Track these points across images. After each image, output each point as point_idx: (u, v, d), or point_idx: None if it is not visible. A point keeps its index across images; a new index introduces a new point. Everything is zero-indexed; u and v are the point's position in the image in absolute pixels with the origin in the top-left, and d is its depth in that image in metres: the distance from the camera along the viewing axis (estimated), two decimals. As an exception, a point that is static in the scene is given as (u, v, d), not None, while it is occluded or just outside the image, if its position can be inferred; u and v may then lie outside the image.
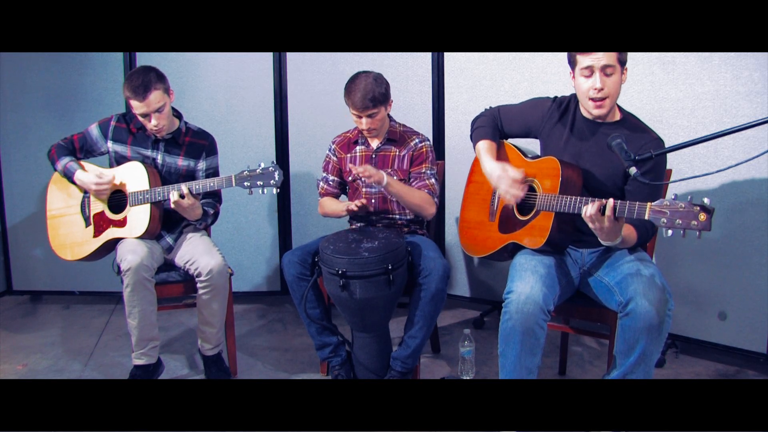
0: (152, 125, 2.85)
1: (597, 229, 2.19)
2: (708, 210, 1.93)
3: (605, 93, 2.34)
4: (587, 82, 2.36)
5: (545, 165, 2.46)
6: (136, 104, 2.80)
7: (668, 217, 1.98)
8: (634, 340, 2.21)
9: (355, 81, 2.87)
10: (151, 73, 2.82)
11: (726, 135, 2.16)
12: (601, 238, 2.23)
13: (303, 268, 2.81)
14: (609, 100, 2.37)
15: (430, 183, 2.96)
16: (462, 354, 2.98)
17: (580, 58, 2.34)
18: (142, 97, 2.78)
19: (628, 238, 2.29)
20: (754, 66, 2.82)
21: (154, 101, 2.80)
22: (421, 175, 2.97)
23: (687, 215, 1.95)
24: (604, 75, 2.32)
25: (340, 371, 2.87)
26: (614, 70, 2.32)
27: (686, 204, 1.96)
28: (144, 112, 2.82)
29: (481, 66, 3.55)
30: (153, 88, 2.79)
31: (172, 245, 3.00)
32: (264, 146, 3.89)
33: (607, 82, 2.33)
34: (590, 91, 2.35)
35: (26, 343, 3.47)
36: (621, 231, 2.20)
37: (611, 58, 2.30)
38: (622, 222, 2.18)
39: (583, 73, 2.36)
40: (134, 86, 2.77)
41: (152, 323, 2.84)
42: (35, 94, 3.88)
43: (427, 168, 2.98)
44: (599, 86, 2.33)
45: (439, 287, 2.68)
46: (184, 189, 2.79)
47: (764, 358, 2.95)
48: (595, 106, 2.38)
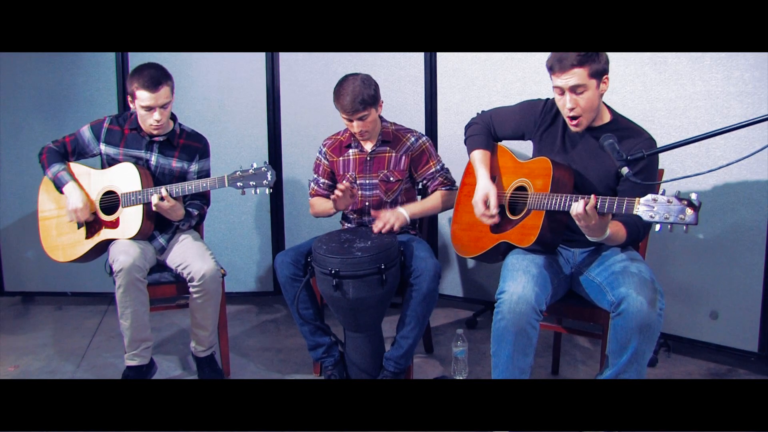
0: (155, 119, 2.84)
1: (583, 226, 2.20)
2: (694, 204, 1.95)
3: (577, 112, 2.36)
4: (560, 100, 2.39)
5: (537, 165, 2.47)
6: (145, 96, 2.79)
7: (656, 211, 2.00)
8: (627, 339, 2.22)
9: (343, 85, 2.85)
10: (161, 69, 2.85)
11: (718, 135, 2.16)
12: (588, 234, 2.24)
13: (296, 268, 2.81)
14: (584, 117, 2.39)
15: (444, 178, 3.02)
16: (455, 354, 2.98)
17: (552, 77, 2.36)
18: (154, 89, 2.78)
19: (616, 235, 2.29)
20: (745, 66, 2.83)
21: (163, 95, 2.81)
22: (433, 175, 3.00)
23: (674, 210, 1.97)
24: (575, 94, 2.33)
25: (333, 371, 2.86)
26: (585, 87, 2.31)
27: (673, 199, 1.98)
28: (151, 105, 2.80)
29: (473, 66, 3.55)
30: (164, 83, 2.81)
31: (164, 246, 2.99)
32: (256, 146, 3.89)
33: (578, 101, 2.34)
34: (564, 110, 2.39)
35: (18, 345, 3.46)
36: (607, 227, 2.22)
37: (581, 77, 2.29)
38: (607, 218, 2.19)
39: (556, 91, 2.38)
40: (147, 77, 2.78)
41: (145, 324, 2.83)
42: (27, 95, 3.87)
43: (434, 165, 3.01)
44: (570, 106, 2.35)
45: (430, 287, 2.68)
46: (164, 191, 2.79)
47: (756, 357, 2.97)
48: (570, 123, 2.42)
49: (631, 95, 3.07)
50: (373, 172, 2.99)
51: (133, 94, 2.82)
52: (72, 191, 2.91)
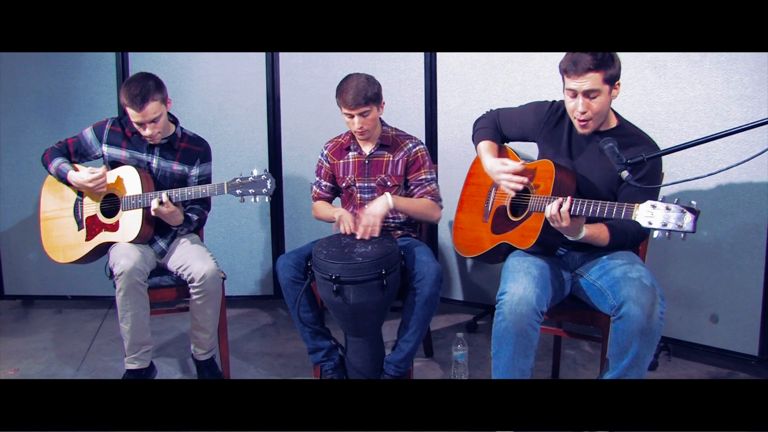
0: (146, 134, 2.85)
1: (555, 227, 2.26)
2: (694, 212, 1.95)
3: (588, 116, 2.36)
4: (572, 102, 2.38)
5: (540, 168, 2.47)
6: (132, 113, 2.79)
7: (654, 218, 2.00)
8: (627, 343, 2.22)
9: (348, 80, 2.86)
10: (150, 81, 2.80)
11: (717, 138, 2.16)
12: (564, 233, 2.29)
13: (297, 271, 2.81)
14: (593, 121, 2.39)
15: (431, 188, 2.97)
16: (455, 357, 2.98)
17: (566, 78, 2.36)
18: (139, 108, 2.76)
19: (596, 238, 2.33)
20: (745, 70, 2.83)
21: (151, 111, 2.79)
22: (421, 182, 2.98)
23: (673, 217, 1.97)
24: (588, 98, 2.33)
25: (333, 375, 2.86)
26: (599, 93, 2.31)
27: (672, 206, 1.97)
28: (139, 122, 2.81)
29: (473, 70, 3.55)
30: (151, 99, 2.77)
31: (165, 249, 2.99)
32: (256, 150, 3.89)
33: (590, 105, 2.34)
34: (574, 112, 2.38)
35: (18, 348, 3.46)
36: (581, 228, 2.27)
37: (596, 82, 2.29)
38: (581, 220, 2.24)
39: (568, 93, 2.38)
40: (132, 95, 2.75)
41: (145, 327, 2.83)
42: (27, 98, 3.87)
43: (425, 173, 2.98)
44: (581, 110, 2.35)
45: (432, 291, 2.68)
46: (164, 197, 2.79)
47: (756, 360, 2.96)
48: (579, 125, 2.42)
49: (630, 99, 3.07)
50: (372, 175, 2.99)
51: (124, 109, 2.83)
52: (76, 175, 2.91)
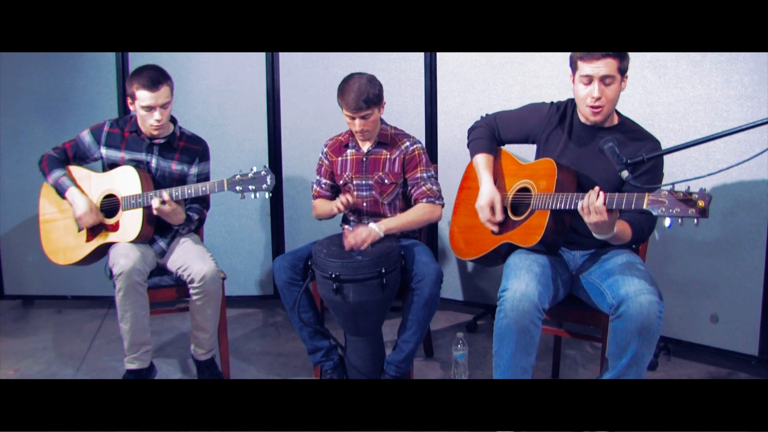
0: (155, 119, 2.84)
1: (593, 222, 2.19)
2: (705, 197, 1.94)
3: (602, 102, 2.35)
4: (585, 89, 2.37)
5: (541, 166, 2.47)
6: (145, 95, 2.79)
7: (666, 206, 1.99)
8: (626, 342, 2.22)
9: (349, 82, 2.85)
10: (160, 69, 2.86)
11: (718, 138, 2.16)
12: (595, 232, 2.24)
13: (294, 273, 2.81)
14: (606, 108, 2.38)
15: (427, 188, 2.95)
16: (455, 357, 2.98)
17: (581, 64, 2.34)
18: (155, 88, 2.79)
19: (622, 234, 2.29)
20: (745, 70, 2.83)
21: (163, 95, 2.82)
22: (418, 181, 2.96)
23: (684, 203, 1.96)
24: (603, 84, 2.33)
25: (333, 375, 2.86)
26: (613, 80, 2.32)
27: (684, 192, 1.97)
28: (151, 105, 2.81)
29: (473, 70, 3.55)
30: (164, 83, 2.82)
31: (165, 249, 2.99)
32: (256, 150, 3.88)
33: (605, 92, 2.34)
34: (587, 99, 2.37)
35: (18, 348, 3.46)
36: (614, 224, 2.21)
37: (612, 68, 2.30)
38: (615, 215, 2.19)
39: (582, 80, 2.36)
40: (147, 77, 2.79)
41: (144, 327, 2.82)
42: (27, 98, 3.86)
43: (422, 172, 2.97)
44: (596, 95, 2.34)
45: (432, 292, 2.68)
46: (165, 195, 2.79)
47: (756, 360, 2.96)
48: (592, 112, 2.39)
49: (631, 99, 3.07)
50: (369, 173, 2.99)
51: (133, 95, 2.83)
52: (75, 197, 2.91)
